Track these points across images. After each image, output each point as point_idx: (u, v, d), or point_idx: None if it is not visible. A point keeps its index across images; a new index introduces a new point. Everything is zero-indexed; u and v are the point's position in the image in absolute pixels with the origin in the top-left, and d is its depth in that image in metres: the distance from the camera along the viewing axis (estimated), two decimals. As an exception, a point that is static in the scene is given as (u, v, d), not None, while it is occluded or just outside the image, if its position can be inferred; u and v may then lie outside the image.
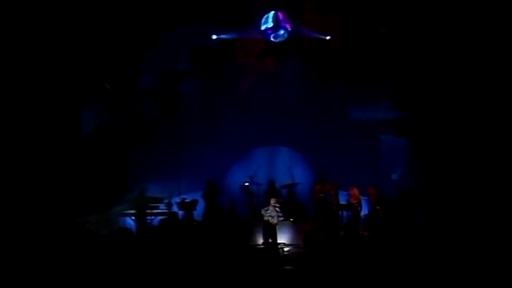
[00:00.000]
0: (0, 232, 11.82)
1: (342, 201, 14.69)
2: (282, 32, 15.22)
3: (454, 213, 14.14)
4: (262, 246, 13.74)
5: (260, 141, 16.88)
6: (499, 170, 13.97)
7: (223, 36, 16.00)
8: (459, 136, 14.97)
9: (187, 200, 15.46)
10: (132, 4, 14.62)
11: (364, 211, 14.56)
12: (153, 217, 15.13)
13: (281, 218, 13.67)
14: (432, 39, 15.16)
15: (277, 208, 13.49)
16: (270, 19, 15.20)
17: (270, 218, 13.40)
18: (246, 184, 16.01)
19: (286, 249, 13.59)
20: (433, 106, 15.63)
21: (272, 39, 15.39)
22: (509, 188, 13.55)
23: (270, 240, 13.41)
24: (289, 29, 15.28)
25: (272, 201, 13.61)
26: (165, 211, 15.19)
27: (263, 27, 15.38)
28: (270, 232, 13.42)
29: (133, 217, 15.09)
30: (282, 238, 13.97)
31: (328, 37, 16.05)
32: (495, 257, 10.56)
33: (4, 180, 12.95)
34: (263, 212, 13.53)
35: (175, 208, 15.38)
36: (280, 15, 15.20)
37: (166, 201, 15.25)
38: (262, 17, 15.37)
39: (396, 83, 16.22)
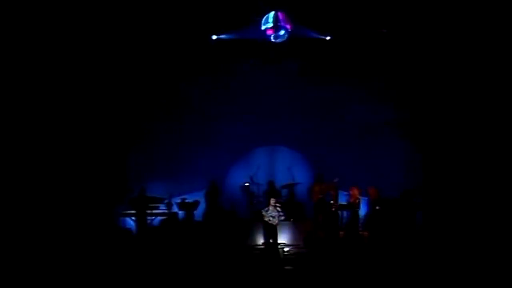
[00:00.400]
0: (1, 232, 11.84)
1: (342, 201, 14.71)
2: (282, 32, 15.20)
3: (454, 213, 14.15)
4: (262, 246, 13.74)
5: (260, 141, 16.87)
6: (499, 170, 13.98)
7: (223, 36, 15.99)
8: (459, 136, 14.98)
9: (187, 200, 15.44)
10: (132, 5, 14.61)
11: (363, 211, 14.59)
12: (153, 217, 15.14)
13: (282, 218, 13.64)
14: (433, 40, 15.16)
15: (277, 208, 13.48)
16: (270, 20, 15.19)
17: (271, 218, 13.39)
18: (246, 184, 15.99)
19: (286, 249, 13.59)
20: (434, 107, 15.64)
21: (272, 39, 15.38)
22: (509, 188, 13.57)
23: (271, 241, 13.38)
24: (289, 29, 15.27)
25: (272, 201, 13.60)
26: (165, 211, 15.17)
27: (263, 28, 15.36)
28: (271, 232, 13.41)
29: (133, 218, 15.08)
30: (282, 238, 13.96)
31: (328, 38, 16.05)
32: (495, 257, 10.56)
33: (3, 181, 12.97)
34: (263, 213, 13.50)
35: (175, 208, 15.36)
36: (280, 15, 15.18)
37: (166, 201, 15.23)
38: (262, 17, 15.35)
39: (397, 84, 16.22)
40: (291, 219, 14.87)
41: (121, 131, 15.78)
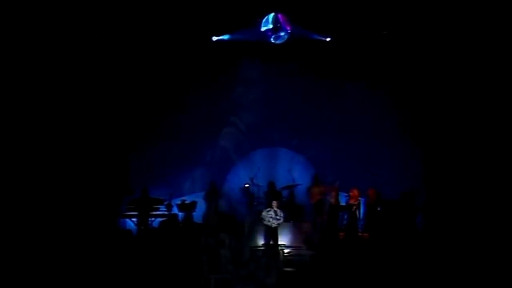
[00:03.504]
0: (1, 234, 11.84)
1: (342, 202, 14.70)
2: (282, 34, 15.21)
3: (454, 215, 14.14)
4: (262, 248, 13.73)
5: (260, 142, 16.87)
6: (501, 171, 13.97)
7: (223, 37, 16.00)
8: (461, 138, 14.97)
9: (186, 202, 15.44)
10: (133, 6, 14.63)
11: (363, 213, 14.57)
12: (153, 218, 15.13)
13: (281, 221, 13.60)
14: (433, 41, 15.17)
15: (277, 211, 13.48)
16: (270, 21, 15.20)
17: (270, 220, 13.39)
18: (247, 185, 15.98)
19: (286, 251, 13.58)
20: (434, 108, 15.64)
21: (272, 40, 15.38)
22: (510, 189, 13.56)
23: (271, 242, 13.37)
24: (289, 30, 15.27)
25: (274, 204, 13.60)
26: (165, 212, 15.16)
27: (263, 29, 15.37)
28: (272, 234, 13.39)
29: (133, 219, 15.06)
30: (283, 240, 13.95)
31: (328, 39, 16.06)
32: (496, 259, 10.56)
33: (5, 183, 12.97)
34: (264, 213, 13.50)
35: (175, 210, 15.35)
36: (280, 16, 15.20)
37: (166, 202, 15.22)
38: (262, 18, 15.36)
39: (397, 85, 16.23)
40: (291, 221, 14.85)
41: (123, 132, 15.78)
